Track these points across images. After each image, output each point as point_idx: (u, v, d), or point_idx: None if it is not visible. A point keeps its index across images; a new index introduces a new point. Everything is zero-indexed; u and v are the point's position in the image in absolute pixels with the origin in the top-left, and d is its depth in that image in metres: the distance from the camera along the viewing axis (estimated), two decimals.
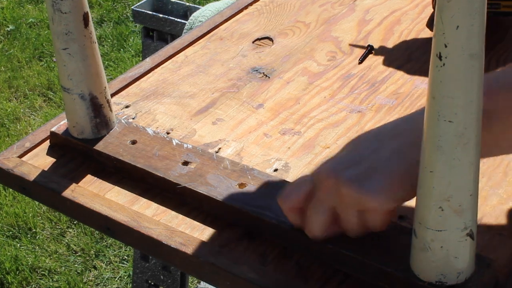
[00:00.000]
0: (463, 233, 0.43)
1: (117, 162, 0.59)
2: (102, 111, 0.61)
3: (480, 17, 0.37)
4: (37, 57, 2.19)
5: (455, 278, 0.44)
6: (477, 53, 0.38)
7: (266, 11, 0.83)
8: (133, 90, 0.71)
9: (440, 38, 0.38)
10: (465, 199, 0.42)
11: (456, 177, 0.41)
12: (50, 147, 0.64)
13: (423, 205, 0.43)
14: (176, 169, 0.57)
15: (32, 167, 0.61)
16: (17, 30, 2.32)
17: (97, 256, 1.49)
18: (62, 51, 0.57)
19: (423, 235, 0.43)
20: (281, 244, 0.52)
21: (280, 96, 0.69)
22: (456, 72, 0.39)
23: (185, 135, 0.64)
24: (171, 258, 0.53)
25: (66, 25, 0.56)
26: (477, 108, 0.40)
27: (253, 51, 0.76)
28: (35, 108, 1.96)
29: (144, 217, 0.55)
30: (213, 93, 0.70)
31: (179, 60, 0.75)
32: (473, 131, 0.40)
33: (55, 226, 1.58)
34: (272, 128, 0.65)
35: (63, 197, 0.57)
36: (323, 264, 0.50)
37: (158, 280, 1.23)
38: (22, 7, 2.45)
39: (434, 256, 0.44)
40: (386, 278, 0.47)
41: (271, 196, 0.53)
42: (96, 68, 0.59)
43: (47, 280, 1.44)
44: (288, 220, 0.50)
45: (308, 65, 0.73)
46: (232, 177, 0.56)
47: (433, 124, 0.40)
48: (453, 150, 0.40)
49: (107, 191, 0.58)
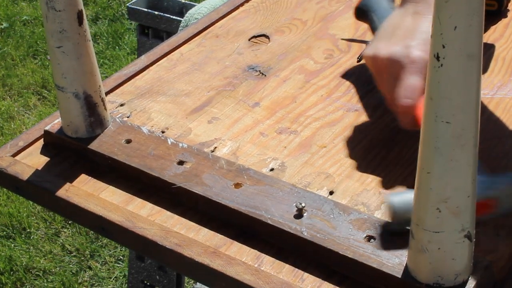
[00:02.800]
0: (461, 235, 0.42)
1: (111, 162, 0.59)
2: (96, 109, 0.60)
3: (478, 17, 0.37)
4: (31, 55, 2.17)
5: (452, 280, 0.44)
6: (475, 53, 0.38)
7: (262, 8, 0.83)
8: (128, 88, 0.70)
9: (438, 39, 0.38)
10: (462, 201, 0.42)
11: (454, 178, 0.41)
12: (44, 146, 0.63)
13: (420, 207, 0.43)
14: (171, 169, 0.57)
15: (25, 166, 0.60)
16: (11, 27, 2.30)
17: (92, 256, 1.48)
18: (56, 49, 0.57)
19: (420, 236, 0.43)
20: (277, 245, 0.51)
21: (276, 95, 0.69)
22: (454, 73, 0.38)
23: (180, 134, 0.64)
24: (166, 258, 0.52)
25: (60, 23, 0.56)
26: (475, 109, 0.40)
27: (249, 48, 0.75)
28: (29, 107, 1.95)
29: (139, 217, 0.54)
30: (209, 92, 0.69)
31: (175, 58, 0.75)
32: (471, 132, 0.40)
33: (49, 226, 1.57)
34: (268, 127, 0.64)
35: (57, 196, 0.57)
36: (319, 265, 0.50)
37: (153, 280, 1.23)
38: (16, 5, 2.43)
39: (432, 258, 0.43)
40: (383, 280, 0.47)
41: (267, 196, 0.53)
42: (90, 66, 0.59)
43: (42, 281, 1.43)
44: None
45: (305, 63, 0.73)
46: (228, 177, 0.55)
47: (431, 125, 0.40)
48: (451, 151, 0.40)
49: (101, 190, 0.58)
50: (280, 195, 0.53)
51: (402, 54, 0.57)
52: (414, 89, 0.55)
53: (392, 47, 0.58)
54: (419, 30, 0.58)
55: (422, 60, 0.56)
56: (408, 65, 0.56)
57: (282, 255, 0.51)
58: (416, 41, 0.57)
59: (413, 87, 0.55)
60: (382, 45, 0.59)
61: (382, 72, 0.59)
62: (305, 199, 0.53)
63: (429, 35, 0.54)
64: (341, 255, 0.48)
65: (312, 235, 0.50)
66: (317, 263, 0.50)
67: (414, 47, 0.57)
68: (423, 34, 0.57)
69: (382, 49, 0.58)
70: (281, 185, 0.54)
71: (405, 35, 0.58)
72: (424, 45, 0.56)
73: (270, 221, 0.51)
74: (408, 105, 0.55)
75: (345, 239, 0.49)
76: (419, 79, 0.56)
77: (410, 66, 0.56)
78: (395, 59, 0.57)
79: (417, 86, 0.55)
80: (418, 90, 0.55)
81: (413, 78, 0.56)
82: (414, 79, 0.56)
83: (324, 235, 0.50)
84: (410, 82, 0.56)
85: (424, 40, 0.57)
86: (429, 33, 0.54)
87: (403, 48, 0.57)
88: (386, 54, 0.58)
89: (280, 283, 0.48)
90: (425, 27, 0.58)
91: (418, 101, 0.55)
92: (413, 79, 0.56)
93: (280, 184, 0.54)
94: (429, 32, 0.54)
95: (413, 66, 0.56)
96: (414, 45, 0.57)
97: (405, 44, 0.57)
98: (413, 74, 0.56)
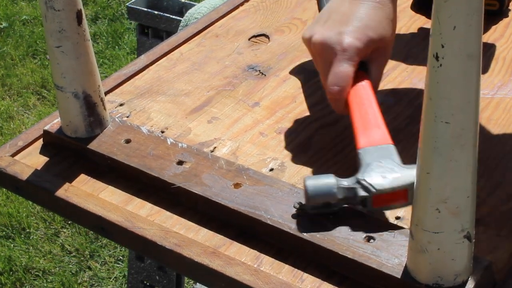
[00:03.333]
0: (460, 235, 0.42)
1: (111, 162, 0.58)
2: (95, 109, 0.60)
3: (477, 17, 0.37)
4: (30, 54, 2.17)
5: (452, 280, 0.44)
6: (474, 53, 0.38)
7: (262, 8, 0.83)
8: (127, 88, 0.70)
9: (437, 39, 0.38)
10: (462, 201, 0.41)
11: (453, 178, 0.41)
12: (43, 146, 0.63)
13: (420, 207, 0.42)
14: (170, 169, 0.56)
15: (25, 166, 0.60)
16: (11, 27, 2.30)
17: (92, 256, 1.48)
18: (56, 49, 0.57)
19: (420, 237, 0.43)
20: (276, 245, 0.51)
21: (276, 95, 0.68)
22: (453, 73, 0.38)
23: (180, 134, 0.64)
24: (166, 259, 0.52)
25: (59, 23, 0.55)
26: (475, 109, 0.40)
27: (249, 48, 0.75)
28: (29, 107, 1.95)
29: (138, 217, 0.54)
30: (209, 91, 0.69)
31: (174, 57, 0.75)
32: (471, 132, 0.40)
33: (49, 226, 1.57)
34: (268, 127, 0.64)
35: (57, 196, 0.57)
36: (319, 265, 0.50)
37: (153, 280, 1.23)
38: (16, 4, 2.43)
39: (431, 258, 0.43)
40: (383, 280, 0.47)
41: (266, 196, 0.53)
42: (89, 66, 0.59)
43: (41, 281, 1.43)
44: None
45: (304, 63, 0.73)
46: (228, 177, 0.55)
47: (430, 125, 0.40)
48: (450, 151, 0.40)
49: (101, 190, 0.58)
50: (279, 195, 0.53)
51: (334, 41, 0.57)
52: (342, 76, 0.56)
53: (326, 32, 0.58)
54: (355, 16, 0.58)
55: (353, 48, 0.56)
56: (339, 52, 0.56)
57: (281, 255, 0.51)
58: (350, 27, 0.57)
59: (341, 75, 0.56)
60: (318, 29, 0.59)
61: (316, 56, 0.60)
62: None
63: (364, 22, 0.57)
64: (340, 255, 0.48)
65: (311, 236, 0.50)
66: (317, 263, 0.50)
67: (347, 33, 0.57)
68: (357, 21, 0.57)
69: (317, 33, 0.59)
70: (281, 185, 0.54)
71: (340, 21, 0.58)
72: (357, 32, 0.57)
73: (270, 221, 0.51)
74: (336, 92, 0.56)
75: (345, 240, 0.49)
76: (349, 67, 0.56)
77: (341, 53, 0.56)
78: (327, 45, 0.57)
79: (346, 73, 0.56)
80: (347, 77, 0.56)
81: (343, 66, 0.56)
82: (344, 66, 0.56)
83: (324, 236, 0.49)
84: (339, 69, 0.56)
85: (357, 28, 0.57)
86: (365, 19, 0.57)
87: (336, 34, 0.57)
88: (320, 39, 0.58)
89: (279, 283, 0.48)
90: (361, 13, 0.58)
91: (347, 87, 0.56)
92: (343, 67, 0.56)
93: (279, 184, 0.54)
94: (365, 19, 0.57)
95: (344, 54, 0.56)
96: (347, 32, 0.57)
97: (338, 30, 0.57)
98: (342, 61, 0.56)
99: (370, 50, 0.58)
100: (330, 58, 0.57)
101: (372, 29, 0.57)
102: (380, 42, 0.58)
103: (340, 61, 0.56)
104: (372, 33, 0.57)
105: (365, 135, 0.53)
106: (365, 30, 0.57)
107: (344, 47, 0.56)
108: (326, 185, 0.49)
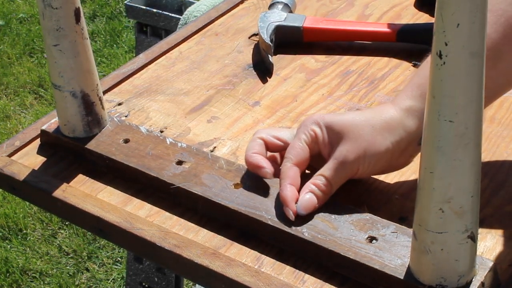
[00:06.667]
0: (464, 236, 0.42)
1: (109, 162, 0.58)
2: (94, 109, 0.60)
3: (481, 14, 0.37)
4: (27, 53, 2.16)
5: (455, 281, 0.44)
6: (478, 51, 0.38)
7: (262, 6, 0.82)
8: (126, 87, 0.70)
9: (440, 36, 0.37)
10: (466, 201, 0.41)
11: (457, 178, 0.40)
12: (41, 146, 0.62)
13: (423, 207, 0.42)
14: (170, 169, 0.56)
15: (22, 166, 0.59)
16: (7, 25, 2.29)
17: (89, 257, 1.47)
18: (53, 47, 0.56)
19: (423, 237, 0.42)
20: (277, 246, 0.51)
21: (277, 94, 0.68)
22: (456, 71, 0.38)
23: (179, 134, 0.63)
24: (165, 260, 0.52)
25: (57, 21, 0.55)
26: (478, 108, 0.39)
27: (249, 47, 0.75)
28: (26, 106, 1.94)
29: (137, 218, 0.54)
30: (208, 90, 0.69)
31: (173, 56, 0.74)
32: (474, 131, 0.39)
33: (46, 227, 1.56)
34: (269, 127, 0.63)
35: (54, 197, 0.56)
36: (320, 266, 0.49)
37: (152, 282, 1.22)
38: (13, 2, 2.42)
39: (435, 259, 0.43)
40: (385, 281, 0.46)
41: (267, 197, 0.52)
42: (87, 65, 0.58)
43: (38, 283, 1.42)
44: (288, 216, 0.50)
45: (305, 62, 0.72)
46: (228, 177, 0.55)
47: (433, 124, 0.39)
48: (454, 150, 0.39)
49: (99, 191, 0.57)
50: None
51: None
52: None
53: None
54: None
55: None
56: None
57: (282, 256, 0.50)
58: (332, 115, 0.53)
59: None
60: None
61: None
62: None
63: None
64: (342, 256, 0.48)
65: (313, 236, 0.49)
66: (318, 264, 0.49)
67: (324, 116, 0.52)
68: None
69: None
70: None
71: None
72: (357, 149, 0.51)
73: (271, 222, 0.51)
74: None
75: (347, 240, 0.48)
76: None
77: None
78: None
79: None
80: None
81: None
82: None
83: (326, 236, 0.49)
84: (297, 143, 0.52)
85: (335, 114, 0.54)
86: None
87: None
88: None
89: (280, 284, 0.48)
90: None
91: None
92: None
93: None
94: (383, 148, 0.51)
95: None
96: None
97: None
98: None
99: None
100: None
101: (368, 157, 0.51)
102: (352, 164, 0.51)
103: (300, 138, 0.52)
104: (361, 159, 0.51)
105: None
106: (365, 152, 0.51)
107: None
108: None
